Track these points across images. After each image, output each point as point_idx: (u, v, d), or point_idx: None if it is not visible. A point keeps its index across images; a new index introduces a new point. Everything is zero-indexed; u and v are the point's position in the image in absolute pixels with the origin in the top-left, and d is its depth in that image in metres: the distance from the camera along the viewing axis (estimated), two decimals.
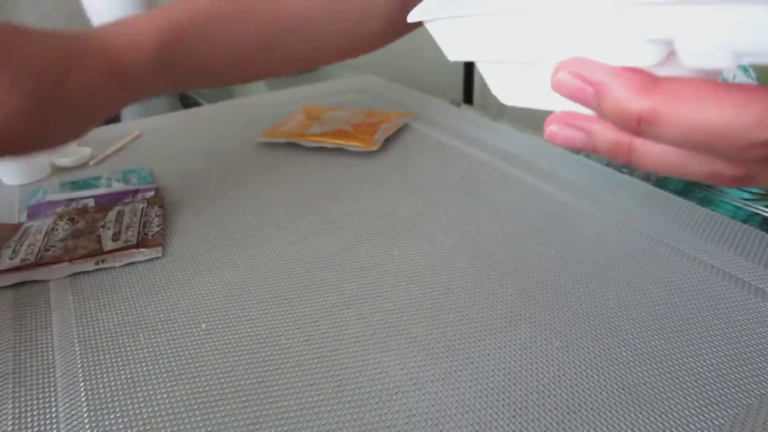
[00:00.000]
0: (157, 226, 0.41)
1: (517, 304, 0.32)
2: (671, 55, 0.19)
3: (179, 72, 0.38)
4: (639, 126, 0.21)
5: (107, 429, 0.25)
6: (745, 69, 0.38)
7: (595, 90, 0.21)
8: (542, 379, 0.27)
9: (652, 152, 0.22)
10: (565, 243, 0.37)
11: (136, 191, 0.47)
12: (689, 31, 0.18)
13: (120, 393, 0.27)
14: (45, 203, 0.45)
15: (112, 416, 0.26)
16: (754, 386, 0.26)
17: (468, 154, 0.51)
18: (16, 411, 0.27)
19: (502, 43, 0.22)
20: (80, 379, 0.28)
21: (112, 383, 0.28)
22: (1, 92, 0.28)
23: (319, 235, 0.40)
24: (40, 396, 0.27)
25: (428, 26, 0.25)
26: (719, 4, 0.17)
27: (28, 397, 0.27)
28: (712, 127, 0.20)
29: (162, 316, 0.32)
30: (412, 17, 0.26)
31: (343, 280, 0.35)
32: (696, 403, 0.25)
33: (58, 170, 0.53)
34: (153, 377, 0.28)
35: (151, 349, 0.30)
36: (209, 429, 0.25)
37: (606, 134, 0.24)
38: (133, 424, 0.25)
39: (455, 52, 0.25)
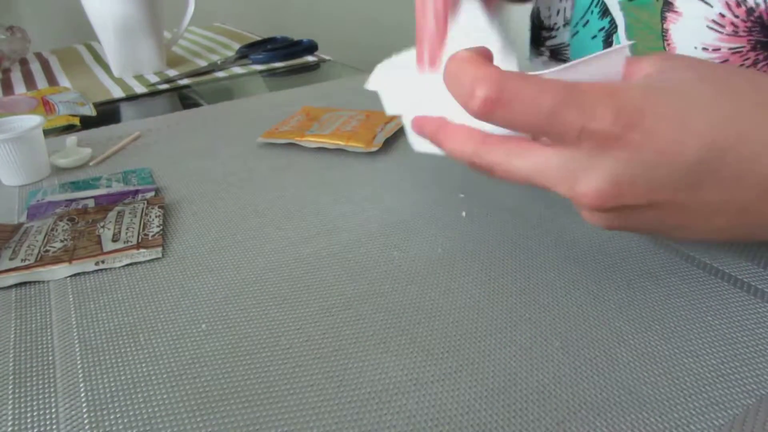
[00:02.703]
0: (157, 226, 0.41)
1: (517, 305, 0.32)
2: None
3: None
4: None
5: (107, 430, 0.25)
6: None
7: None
8: (542, 379, 0.27)
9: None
10: (566, 243, 0.37)
11: (136, 192, 0.47)
12: None
13: (120, 394, 0.27)
14: (45, 204, 0.45)
15: (112, 417, 0.26)
16: (754, 387, 0.26)
17: None
18: (16, 412, 0.27)
19: (413, 103, 0.34)
20: (80, 380, 0.28)
21: (112, 384, 0.28)
22: None
23: (319, 235, 0.40)
24: (40, 397, 0.27)
25: (378, 92, 0.37)
26: None
27: (28, 398, 0.27)
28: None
29: (162, 316, 0.32)
30: (368, 86, 0.37)
31: (343, 280, 0.35)
32: (696, 404, 0.25)
33: (58, 171, 0.53)
34: (153, 378, 0.28)
35: (151, 350, 0.30)
36: (209, 429, 0.25)
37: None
38: (134, 425, 0.26)
39: (391, 109, 0.37)
